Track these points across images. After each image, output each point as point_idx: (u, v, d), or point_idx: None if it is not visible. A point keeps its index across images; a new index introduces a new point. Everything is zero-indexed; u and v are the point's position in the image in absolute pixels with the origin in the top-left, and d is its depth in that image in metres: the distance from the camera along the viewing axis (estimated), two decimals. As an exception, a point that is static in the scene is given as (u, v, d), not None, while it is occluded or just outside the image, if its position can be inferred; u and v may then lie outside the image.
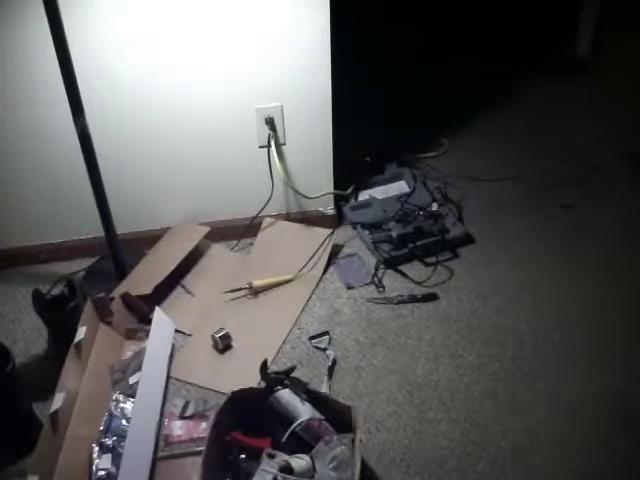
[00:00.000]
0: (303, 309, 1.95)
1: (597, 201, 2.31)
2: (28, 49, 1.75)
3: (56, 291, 1.86)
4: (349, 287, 2.02)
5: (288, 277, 2.04)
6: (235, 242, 2.20)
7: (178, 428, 1.61)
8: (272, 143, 2.03)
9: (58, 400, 1.49)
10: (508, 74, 3.06)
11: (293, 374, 1.54)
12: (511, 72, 3.06)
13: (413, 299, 1.97)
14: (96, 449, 1.53)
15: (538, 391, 1.69)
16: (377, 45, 3.18)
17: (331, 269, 2.09)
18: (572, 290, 1.97)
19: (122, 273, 2.01)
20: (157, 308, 1.83)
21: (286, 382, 1.50)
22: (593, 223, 2.22)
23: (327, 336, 1.86)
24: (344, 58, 2.04)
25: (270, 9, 1.80)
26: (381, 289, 2.01)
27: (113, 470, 1.49)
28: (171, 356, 1.80)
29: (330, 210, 2.25)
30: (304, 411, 1.44)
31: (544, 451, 1.55)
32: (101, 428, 1.58)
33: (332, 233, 2.13)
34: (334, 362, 1.78)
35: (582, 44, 3.10)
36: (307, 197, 2.17)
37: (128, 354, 1.81)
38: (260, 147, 2.05)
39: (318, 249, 2.09)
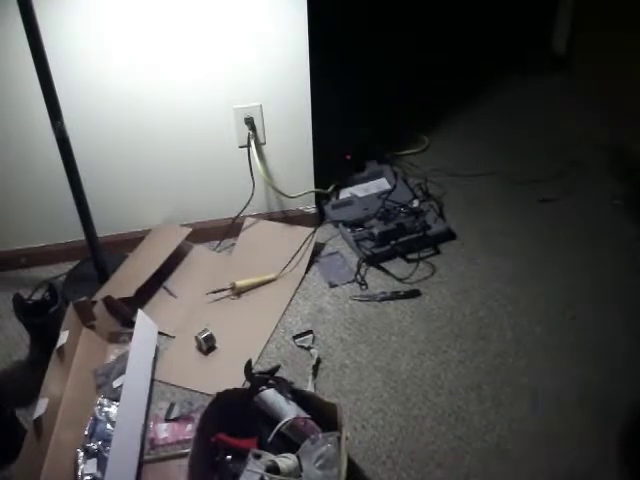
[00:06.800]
0: (286, 308, 1.95)
1: (576, 195, 2.33)
2: (2, 52, 1.73)
3: (37, 296, 1.84)
4: (332, 285, 2.03)
5: (271, 277, 2.04)
6: (217, 242, 2.20)
7: (164, 431, 1.61)
8: (252, 143, 2.02)
9: (41, 406, 1.48)
10: (486, 72, 3.08)
11: (278, 373, 1.55)
12: (489, 70, 3.09)
13: (396, 296, 1.98)
14: (81, 454, 1.52)
15: (522, 385, 1.70)
16: (357, 45, 3.19)
17: (314, 268, 2.09)
18: (553, 284, 1.99)
19: (104, 276, 1.99)
20: (140, 311, 1.82)
21: (271, 382, 1.50)
22: (572, 217, 2.24)
23: (311, 335, 1.86)
24: (323, 58, 2.04)
25: (248, 8, 1.79)
26: (364, 286, 2.02)
27: (99, 475, 1.48)
28: (155, 358, 1.80)
29: (311, 209, 2.25)
30: (289, 410, 1.44)
31: (528, 445, 1.56)
32: (86, 433, 1.57)
33: (314, 232, 2.13)
34: (318, 360, 1.78)
35: (558, 41, 3.12)
36: (288, 196, 2.17)
37: (111, 358, 1.80)
38: (240, 147, 2.04)
39: (300, 248, 2.09)
